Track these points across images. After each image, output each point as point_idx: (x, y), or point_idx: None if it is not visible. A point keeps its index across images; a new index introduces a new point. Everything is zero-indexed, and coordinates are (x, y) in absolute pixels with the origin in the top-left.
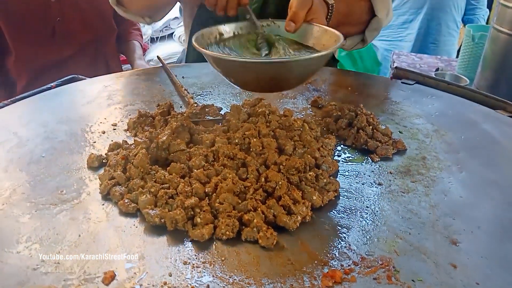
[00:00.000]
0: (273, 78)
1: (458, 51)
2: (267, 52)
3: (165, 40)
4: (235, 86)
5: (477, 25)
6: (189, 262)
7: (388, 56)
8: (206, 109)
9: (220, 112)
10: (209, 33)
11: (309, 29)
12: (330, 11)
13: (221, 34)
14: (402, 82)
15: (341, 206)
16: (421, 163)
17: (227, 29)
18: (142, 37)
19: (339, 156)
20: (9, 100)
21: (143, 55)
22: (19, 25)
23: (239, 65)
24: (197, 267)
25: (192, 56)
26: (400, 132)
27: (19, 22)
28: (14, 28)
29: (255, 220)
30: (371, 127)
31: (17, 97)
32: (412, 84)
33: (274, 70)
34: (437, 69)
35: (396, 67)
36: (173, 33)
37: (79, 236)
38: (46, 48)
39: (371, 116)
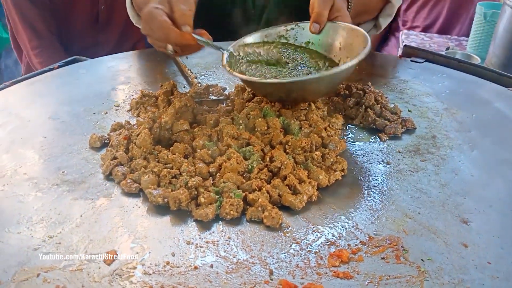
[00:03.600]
0: (301, 93)
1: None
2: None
3: None
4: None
5: (489, 2)
6: (193, 242)
7: None
8: (210, 89)
9: (224, 92)
10: (236, 45)
11: (333, 29)
12: (350, 3)
13: (246, 44)
14: (411, 61)
15: (349, 186)
16: (431, 142)
17: (252, 41)
18: None
19: (346, 135)
20: (10, 82)
21: None
22: (67, 8)
23: (268, 85)
24: (200, 247)
25: None
26: (409, 111)
27: (67, 5)
28: (62, 10)
29: (260, 200)
30: (379, 105)
31: (19, 78)
32: (422, 63)
33: (301, 87)
34: (448, 48)
35: (405, 45)
36: None
37: (81, 216)
38: (88, 32)
39: (380, 94)
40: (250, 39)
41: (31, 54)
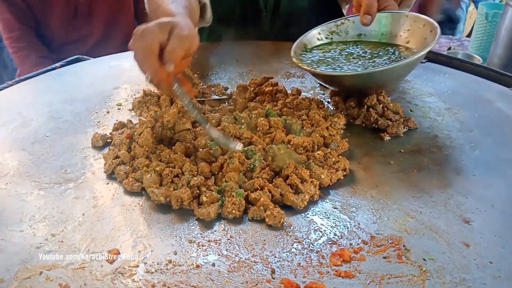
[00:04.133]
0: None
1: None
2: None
3: None
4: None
5: (490, 2)
6: (195, 241)
7: None
8: (212, 89)
9: (226, 92)
10: (296, 48)
11: (396, 19)
12: None
13: (305, 45)
14: None
15: (350, 185)
16: (433, 142)
17: (307, 40)
18: None
19: (348, 135)
20: (13, 81)
21: None
22: (42, 4)
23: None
24: (202, 245)
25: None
26: (411, 111)
27: (42, 2)
28: (42, 3)
29: (262, 199)
30: (381, 105)
31: (21, 77)
32: (424, 62)
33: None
34: (449, 48)
35: None
36: None
37: (83, 214)
38: (68, 26)
39: (382, 94)
40: (305, 39)
41: (7, 44)
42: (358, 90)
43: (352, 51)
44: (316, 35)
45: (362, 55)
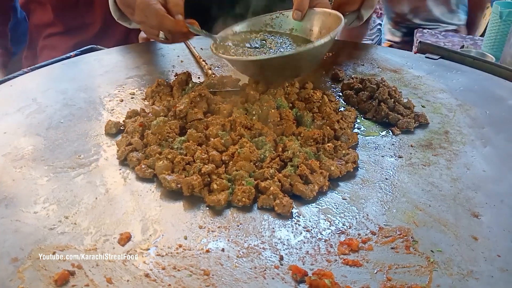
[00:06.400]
0: (282, 69)
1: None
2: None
3: None
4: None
5: (505, 1)
6: (205, 227)
7: None
8: (224, 80)
9: (238, 84)
10: (224, 34)
11: (312, 15)
12: None
13: (234, 33)
14: (426, 57)
15: (360, 178)
16: (444, 137)
17: (239, 30)
18: None
19: (359, 129)
20: (28, 68)
21: None
22: None
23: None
24: (212, 231)
25: None
26: (422, 106)
27: None
28: None
29: (271, 188)
30: (392, 100)
31: (36, 65)
32: (437, 59)
33: (283, 62)
34: (462, 47)
35: (420, 42)
36: None
37: (96, 199)
38: (68, 14)
39: (393, 89)
40: (238, 28)
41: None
42: (263, 76)
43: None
44: (249, 26)
45: (274, 44)
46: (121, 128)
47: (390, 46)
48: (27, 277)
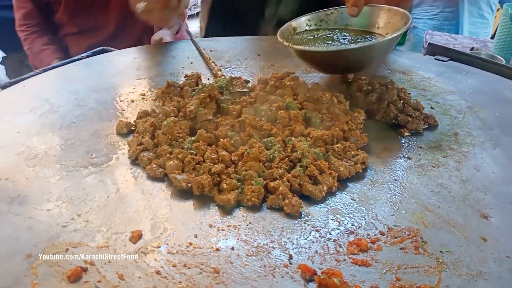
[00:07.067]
0: (348, 63)
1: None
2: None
3: (194, 18)
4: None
5: None
6: (215, 225)
7: (418, 35)
8: (234, 81)
9: (248, 85)
10: (285, 29)
11: (372, 12)
12: None
13: (294, 29)
14: (435, 59)
15: (369, 179)
16: (453, 139)
17: (297, 24)
18: None
19: (368, 130)
20: (41, 69)
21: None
22: None
23: (319, 55)
24: (222, 230)
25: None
26: (432, 108)
27: None
28: None
29: (280, 188)
30: (402, 101)
31: (49, 66)
32: (446, 61)
33: (348, 57)
34: (472, 49)
35: (429, 43)
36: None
37: (108, 197)
38: (83, 16)
39: (403, 90)
40: (294, 23)
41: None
42: (333, 69)
43: (333, 36)
44: (305, 21)
45: (341, 40)
46: (132, 128)
47: None
48: (40, 273)
